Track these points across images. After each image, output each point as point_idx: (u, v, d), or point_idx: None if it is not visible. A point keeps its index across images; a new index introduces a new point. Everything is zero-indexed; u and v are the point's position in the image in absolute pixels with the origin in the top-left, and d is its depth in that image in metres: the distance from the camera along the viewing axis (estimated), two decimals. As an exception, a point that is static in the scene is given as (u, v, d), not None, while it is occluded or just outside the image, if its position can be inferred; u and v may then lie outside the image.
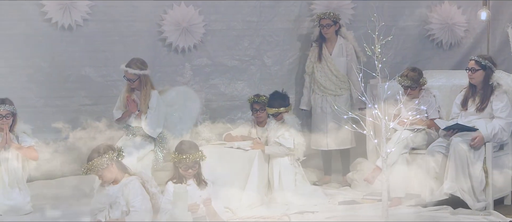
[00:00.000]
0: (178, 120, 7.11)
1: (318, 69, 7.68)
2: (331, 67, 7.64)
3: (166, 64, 7.79)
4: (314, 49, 7.74)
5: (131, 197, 5.23)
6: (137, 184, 5.28)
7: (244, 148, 6.95)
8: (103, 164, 5.30)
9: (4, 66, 7.37)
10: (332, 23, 7.61)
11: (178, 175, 5.62)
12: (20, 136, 6.65)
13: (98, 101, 7.68)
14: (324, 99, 7.64)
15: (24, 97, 7.39)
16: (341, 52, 7.69)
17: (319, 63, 7.67)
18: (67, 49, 7.50)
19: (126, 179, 5.33)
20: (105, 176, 5.36)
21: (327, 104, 7.59)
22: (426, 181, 6.63)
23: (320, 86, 7.67)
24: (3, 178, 6.54)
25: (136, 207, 5.23)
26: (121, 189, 5.29)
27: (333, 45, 7.70)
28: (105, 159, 5.28)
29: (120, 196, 5.27)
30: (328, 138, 7.60)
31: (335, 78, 7.62)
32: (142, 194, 5.28)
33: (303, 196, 6.84)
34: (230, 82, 7.99)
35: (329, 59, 7.66)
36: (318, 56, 7.67)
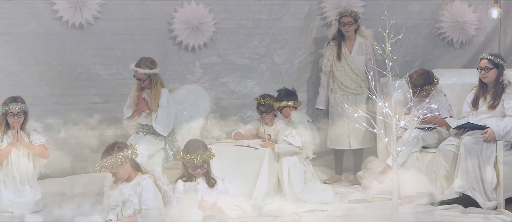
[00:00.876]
0: (188, 118, 7.12)
1: (337, 68, 7.64)
2: (352, 65, 7.61)
3: (176, 62, 7.80)
4: (332, 48, 7.68)
5: (144, 196, 5.25)
6: (150, 183, 5.30)
7: (254, 146, 6.95)
8: (118, 162, 5.32)
9: (16, 64, 7.40)
10: (353, 21, 7.59)
11: (188, 174, 5.64)
12: (31, 134, 6.68)
13: (108, 99, 7.70)
14: (345, 98, 7.62)
15: (35, 95, 7.43)
16: (360, 50, 7.67)
17: (338, 61, 7.64)
18: (77, 48, 7.53)
19: (140, 178, 5.35)
20: (119, 173, 5.38)
21: (348, 103, 7.56)
22: (437, 179, 6.61)
23: (341, 85, 7.64)
24: (14, 176, 6.58)
25: (149, 206, 5.24)
26: (134, 187, 5.31)
27: (353, 44, 7.67)
28: (120, 156, 5.30)
29: (133, 194, 5.28)
30: (351, 138, 7.58)
31: (355, 77, 7.59)
32: (155, 193, 5.30)
33: (313, 194, 6.83)
34: (240, 80, 7.99)
35: (349, 58, 7.62)
36: (338, 55, 7.64)
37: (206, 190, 5.59)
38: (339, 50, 7.64)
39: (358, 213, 6.35)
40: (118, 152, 5.32)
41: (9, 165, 6.60)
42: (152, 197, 5.27)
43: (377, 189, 7.13)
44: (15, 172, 6.59)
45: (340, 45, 7.65)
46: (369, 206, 6.63)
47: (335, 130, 7.70)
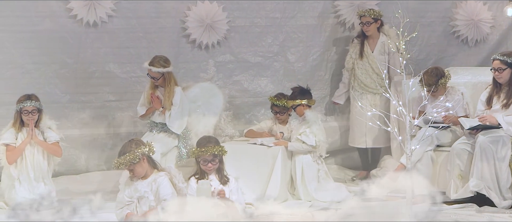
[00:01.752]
0: (202, 116, 7.13)
1: (359, 66, 7.66)
2: (373, 64, 7.60)
3: (189, 60, 7.81)
4: (356, 46, 7.71)
5: (161, 192, 5.26)
6: (166, 179, 5.31)
7: (268, 144, 6.95)
8: (136, 159, 5.34)
9: (30, 63, 7.44)
10: (372, 20, 7.58)
11: (200, 171, 5.63)
12: (45, 132, 6.71)
13: (122, 97, 7.72)
14: (364, 96, 7.62)
15: (49, 92, 7.46)
16: (383, 49, 7.66)
17: (360, 60, 7.65)
18: (92, 46, 7.56)
19: (156, 175, 5.37)
20: (136, 170, 5.39)
21: (366, 102, 7.56)
22: (451, 178, 6.58)
23: (361, 83, 7.65)
24: (28, 173, 6.61)
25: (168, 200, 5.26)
26: (150, 184, 5.32)
27: (375, 42, 7.67)
28: (138, 153, 5.32)
29: (149, 191, 5.29)
30: (367, 136, 7.59)
31: (376, 76, 7.59)
32: (171, 189, 5.31)
33: (327, 192, 6.82)
34: (254, 78, 7.99)
35: (371, 57, 7.63)
36: (360, 53, 7.64)
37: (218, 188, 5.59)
38: (361, 48, 7.65)
39: (371, 212, 6.32)
40: (136, 149, 5.34)
41: (24, 162, 6.63)
42: (169, 193, 5.28)
43: (392, 188, 7.10)
44: (30, 169, 6.62)
45: (363, 44, 7.66)
46: (383, 204, 6.60)
47: (353, 128, 7.73)
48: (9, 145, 6.60)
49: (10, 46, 7.35)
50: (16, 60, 7.39)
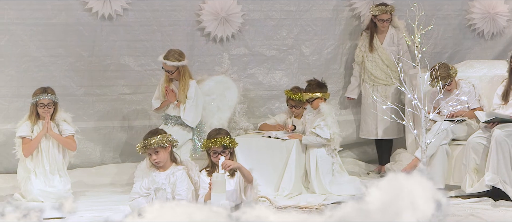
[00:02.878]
0: (216, 109, 7.13)
1: (369, 58, 7.66)
2: (383, 56, 7.60)
3: (204, 53, 7.81)
4: (365, 38, 7.72)
5: (178, 186, 5.27)
6: (184, 174, 5.32)
7: (282, 137, 6.94)
8: (166, 142, 5.39)
9: (46, 55, 7.47)
10: (390, 17, 7.59)
11: (212, 164, 5.59)
12: (60, 125, 6.73)
13: (137, 90, 7.74)
14: (375, 88, 7.63)
15: (65, 85, 7.49)
16: (392, 41, 7.65)
17: (370, 52, 7.65)
18: (107, 39, 7.58)
19: (174, 168, 5.37)
20: (160, 156, 5.42)
21: (378, 94, 7.55)
22: (466, 172, 6.55)
23: (371, 75, 7.65)
24: (44, 166, 6.65)
25: (182, 196, 5.26)
26: (168, 177, 5.32)
27: (384, 35, 7.67)
28: (166, 138, 5.39)
29: (166, 183, 5.30)
30: (379, 128, 7.59)
31: (386, 68, 7.58)
32: (188, 184, 5.32)
33: (341, 186, 6.81)
34: (268, 71, 7.98)
35: (381, 49, 7.63)
36: (370, 46, 7.65)
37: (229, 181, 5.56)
38: (371, 41, 7.65)
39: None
40: (164, 134, 5.39)
41: (39, 155, 6.67)
42: (185, 188, 5.28)
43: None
44: (45, 162, 6.66)
45: (372, 36, 7.65)
46: (381, 208, 6.57)
47: (366, 120, 7.72)
48: (25, 137, 6.64)
49: (27, 39, 7.39)
50: (32, 53, 7.43)
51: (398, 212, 5.05)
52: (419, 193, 5.20)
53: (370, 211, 5.11)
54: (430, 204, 5.39)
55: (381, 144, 7.78)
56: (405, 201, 4.57)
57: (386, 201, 4.87)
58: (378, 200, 4.97)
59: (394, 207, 5.22)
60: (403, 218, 4.93)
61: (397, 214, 5.01)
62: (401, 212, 4.99)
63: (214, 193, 5.06)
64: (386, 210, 4.98)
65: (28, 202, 6.55)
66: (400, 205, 5.13)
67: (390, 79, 7.55)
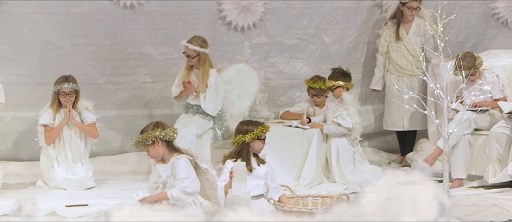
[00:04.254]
0: (237, 98, 7.13)
1: (394, 48, 7.56)
2: (408, 46, 7.51)
3: (225, 42, 7.81)
4: (390, 28, 7.61)
5: (178, 176, 5.23)
6: (183, 163, 5.23)
7: (303, 127, 6.93)
8: (149, 140, 5.28)
9: (68, 44, 7.52)
10: (419, 6, 7.50)
11: (246, 153, 5.50)
12: (82, 113, 6.78)
13: (158, 78, 7.76)
14: (400, 79, 7.54)
15: (87, 74, 7.54)
16: (418, 31, 7.57)
17: (395, 42, 7.56)
18: (129, 27, 7.60)
19: (174, 158, 5.30)
20: (150, 152, 5.33)
21: (403, 84, 7.48)
22: (489, 162, 6.50)
23: (396, 66, 7.56)
24: (66, 153, 6.70)
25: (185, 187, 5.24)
26: (168, 169, 5.29)
27: (410, 24, 7.58)
28: (151, 135, 5.26)
29: (169, 175, 5.28)
30: (405, 119, 7.52)
31: (412, 58, 7.50)
32: (187, 173, 5.23)
33: (362, 175, 6.79)
34: (289, 60, 7.97)
35: (406, 39, 7.53)
36: (395, 35, 7.55)
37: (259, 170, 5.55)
38: (397, 31, 7.56)
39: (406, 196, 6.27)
40: (151, 131, 5.31)
41: (62, 143, 6.72)
42: (184, 178, 5.21)
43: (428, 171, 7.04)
44: (67, 150, 6.71)
45: (398, 26, 7.56)
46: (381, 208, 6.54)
47: (390, 111, 7.64)
48: (47, 126, 6.70)
49: (49, 28, 7.44)
50: (54, 42, 7.48)
51: (398, 213, 5.01)
52: (421, 194, 5.16)
53: (365, 214, 5.05)
54: (433, 205, 5.36)
55: (404, 134, 7.72)
56: (406, 203, 4.52)
57: (384, 203, 4.83)
58: (375, 202, 4.93)
59: (393, 208, 5.17)
60: (403, 219, 4.89)
61: (397, 216, 4.97)
62: (401, 214, 4.94)
63: (235, 181, 5.07)
64: (385, 211, 4.92)
65: (51, 189, 6.62)
66: (401, 207, 5.10)
67: (415, 69, 7.49)
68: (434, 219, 4.84)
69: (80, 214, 5.69)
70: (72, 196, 6.35)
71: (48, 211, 5.75)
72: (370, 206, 4.71)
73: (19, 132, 7.48)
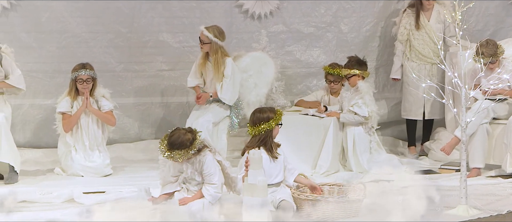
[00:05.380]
0: (253, 86, 7.13)
1: (415, 36, 7.50)
2: (430, 34, 7.45)
3: (242, 30, 7.81)
4: (410, 16, 7.54)
5: (204, 171, 5.23)
6: (209, 157, 5.24)
7: (320, 115, 6.92)
8: (179, 159, 5.19)
9: (86, 32, 7.54)
10: None
11: (270, 142, 5.45)
12: (99, 100, 6.82)
13: (175, 66, 7.78)
14: (422, 67, 7.48)
15: (104, 61, 7.57)
16: (439, 18, 7.51)
17: (416, 30, 7.49)
18: (146, 15, 7.61)
19: (199, 156, 5.27)
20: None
21: (425, 72, 7.42)
22: (507, 152, 6.45)
23: (419, 54, 7.49)
24: (84, 141, 6.74)
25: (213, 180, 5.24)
26: (194, 165, 5.28)
27: (430, 12, 7.51)
28: (180, 155, 5.17)
29: (194, 172, 5.27)
30: (426, 108, 7.47)
31: (433, 46, 7.44)
32: (215, 168, 5.26)
33: (378, 164, 6.78)
34: (306, 49, 7.95)
35: (428, 26, 7.48)
36: (416, 23, 7.49)
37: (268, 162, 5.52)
38: (417, 19, 7.49)
39: (424, 184, 6.26)
40: (183, 149, 5.14)
41: (79, 131, 6.76)
42: (212, 173, 5.22)
43: (445, 160, 7.02)
44: (85, 137, 6.75)
45: (418, 13, 7.50)
46: (436, 177, 6.54)
47: (409, 100, 7.57)
48: (65, 113, 6.74)
49: (67, 16, 7.47)
50: (72, 29, 7.51)
51: (388, 211, 5.01)
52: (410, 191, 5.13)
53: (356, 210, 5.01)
54: (422, 201, 5.34)
55: (416, 125, 7.64)
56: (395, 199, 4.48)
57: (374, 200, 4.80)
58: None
59: (383, 206, 5.17)
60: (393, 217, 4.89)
61: (387, 213, 4.97)
62: (390, 211, 4.94)
63: (251, 170, 5.07)
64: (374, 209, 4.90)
65: (68, 176, 6.67)
66: (390, 204, 5.10)
67: (436, 57, 7.43)
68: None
69: (98, 201, 5.73)
70: (89, 183, 6.39)
71: (66, 198, 5.80)
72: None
73: (37, 119, 7.54)
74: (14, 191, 5.87)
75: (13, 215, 5.29)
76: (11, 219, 5.19)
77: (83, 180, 6.54)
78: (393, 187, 6.14)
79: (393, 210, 5.46)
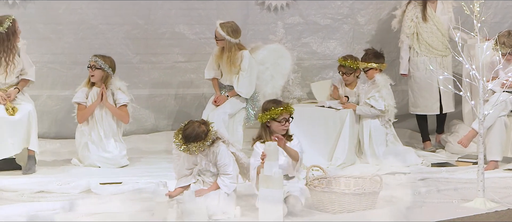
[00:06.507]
0: (270, 78, 7.13)
1: (423, 29, 7.40)
2: (438, 25, 7.38)
3: (258, 22, 7.80)
4: (416, 8, 7.46)
5: (218, 162, 5.23)
6: (222, 148, 5.25)
7: (336, 107, 6.91)
8: (195, 151, 5.19)
9: (103, 23, 7.57)
10: None
11: (265, 135, 5.49)
12: (115, 93, 6.83)
13: (191, 58, 7.79)
14: (433, 60, 7.40)
15: (121, 53, 7.59)
16: (444, 9, 7.44)
17: (424, 22, 7.41)
18: (162, 7, 7.63)
19: (212, 147, 5.28)
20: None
21: (436, 65, 7.34)
22: (525, 145, 6.42)
23: (428, 46, 7.40)
24: (99, 132, 6.77)
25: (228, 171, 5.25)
26: (208, 156, 5.29)
27: (435, 3, 7.44)
28: (196, 147, 5.17)
29: (209, 163, 5.28)
30: (443, 101, 7.39)
31: (442, 37, 7.38)
32: (229, 158, 5.26)
33: (395, 156, 6.75)
34: (323, 41, 7.93)
35: (435, 18, 7.40)
36: (423, 15, 7.40)
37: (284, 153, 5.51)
38: (424, 11, 7.41)
39: (441, 177, 6.24)
40: (201, 143, 5.15)
41: (94, 122, 6.79)
42: (227, 163, 5.23)
43: (462, 153, 6.98)
44: (100, 129, 6.77)
45: (425, 5, 7.42)
46: (453, 170, 6.51)
47: (423, 94, 7.46)
48: (80, 104, 6.77)
49: (84, 7, 7.50)
50: (89, 21, 7.54)
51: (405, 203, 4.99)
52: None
53: (372, 202, 4.98)
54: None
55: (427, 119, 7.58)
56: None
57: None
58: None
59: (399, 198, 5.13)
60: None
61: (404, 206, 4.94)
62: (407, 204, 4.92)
63: (267, 161, 5.08)
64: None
65: (85, 167, 6.70)
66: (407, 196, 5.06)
67: (445, 49, 7.37)
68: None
69: (114, 192, 5.76)
70: (106, 174, 6.42)
71: (83, 188, 5.83)
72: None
73: (55, 110, 7.59)
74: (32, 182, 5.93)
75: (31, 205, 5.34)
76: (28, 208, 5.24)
77: (100, 171, 6.57)
78: (410, 180, 6.14)
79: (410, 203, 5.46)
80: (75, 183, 5.86)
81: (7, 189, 5.80)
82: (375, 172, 6.35)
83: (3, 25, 6.34)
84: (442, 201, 5.51)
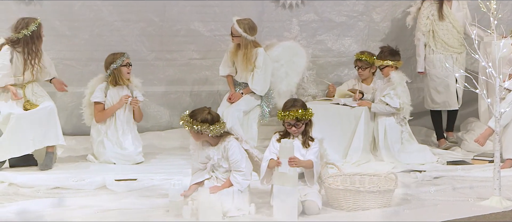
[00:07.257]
0: (285, 75, 7.12)
1: (439, 27, 7.36)
2: (454, 23, 7.33)
3: (273, 19, 7.79)
4: (432, 5, 7.41)
5: (231, 158, 5.23)
6: (234, 144, 5.23)
7: (351, 104, 6.89)
8: (193, 129, 5.21)
9: (118, 20, 7.60)
10: None
11: (286, 131, 5.51)
12: (134, 91, 6.86)
13: (206, 55, 7.80)
14: (449, 57, 7.36)
15: (136, 50, 7.61)
16: (459, 6, 7.40)
17: (440, 20, 7.36)
18: (177, 4, 7.64)
19: (224, 142, 5.28)
20: (192, 135, 5.30)
21: (452, 62, 7.30)
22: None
23: (444, 44, 7.36)
24: (117, 130, 6.80)
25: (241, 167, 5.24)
26: (219, 151, 5.28)
27: (451, 1, 7.40)
28: (198, 127, 5.19)
29: (221, 158, 5.28)
30: (459, 97, 7.35)
31: (457, 34, 7.34)
32: (242, 154, 5.25)
33: (410, 154, 6.73)
34: (338, 38, 7.91)
35: (452, 16, 7.36)
36: (440, 13, 7.36)
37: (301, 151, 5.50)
38: (440, 8, 7.37)
39: (457, 175, 6.21)
40: (200, 124, 5.16)
41: (114, 120, 6.82)
42: (239, 159, 5.22)
43: (477, 151, 6.94)
44: (119, 126, 6.80)
45: (442, 3, 7.38)
46: (469, 168, 6.47)
47: (439, 91, 7.42)
48: (100, 103, 6.80)
49: (100, 4, 7.53)
50: (105, 18, 7.57)
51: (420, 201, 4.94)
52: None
53: (387, 200, 4.93)
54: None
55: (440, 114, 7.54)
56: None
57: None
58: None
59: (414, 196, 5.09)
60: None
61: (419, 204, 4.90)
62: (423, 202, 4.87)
63: (283, 159, 5.07)
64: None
65: (101, 163, 6.74)
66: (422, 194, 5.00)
67: (461, 46, 7.33)
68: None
69: (129, 188, 5.78)
70: (121, 170, 6.44)
71: (98, 185, 5.86)
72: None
73: (70, 107, 7.62)
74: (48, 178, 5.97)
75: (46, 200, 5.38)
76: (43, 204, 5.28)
77: (115, 168, 6.60)
78: (425, 178, 6.12)
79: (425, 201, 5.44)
80: (91, 180, 5.89)
81: (24, 185, 5.84)
82: (390, 169, 6.32)
83: (28, 27, 6.39)
84: (458, 199, 5.49)
